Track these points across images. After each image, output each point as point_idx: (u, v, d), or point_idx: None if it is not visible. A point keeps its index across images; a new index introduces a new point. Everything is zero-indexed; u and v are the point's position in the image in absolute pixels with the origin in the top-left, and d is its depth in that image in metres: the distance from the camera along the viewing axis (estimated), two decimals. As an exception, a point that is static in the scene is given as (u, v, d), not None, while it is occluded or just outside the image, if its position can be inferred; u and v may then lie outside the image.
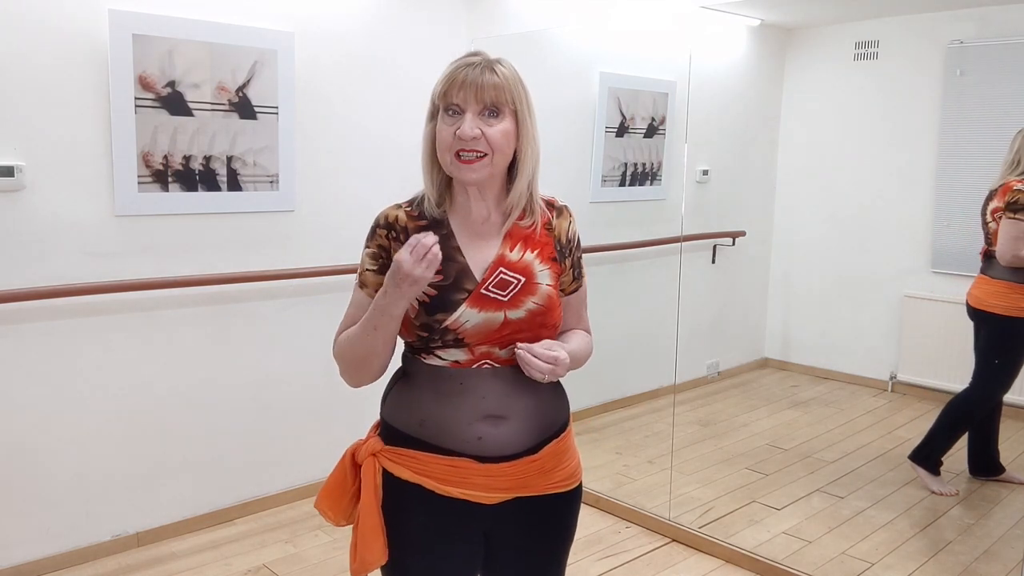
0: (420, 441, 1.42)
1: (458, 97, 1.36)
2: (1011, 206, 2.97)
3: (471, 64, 1.38)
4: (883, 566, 2.82)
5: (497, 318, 1.40)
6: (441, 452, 1.41)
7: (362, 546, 1.43)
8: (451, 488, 1.41)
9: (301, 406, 3.43)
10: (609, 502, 3.40)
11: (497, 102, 1.37)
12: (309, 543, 3.11)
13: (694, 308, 3.64)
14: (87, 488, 2.92)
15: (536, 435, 1.45)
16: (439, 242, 1.33)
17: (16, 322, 2.72)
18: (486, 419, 1.40)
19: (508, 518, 1.47)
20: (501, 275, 1.42)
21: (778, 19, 3.97)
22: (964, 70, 3.30)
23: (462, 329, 1.39)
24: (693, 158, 3.79)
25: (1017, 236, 2.95)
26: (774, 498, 3.35)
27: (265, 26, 3.11)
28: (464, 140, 1.35)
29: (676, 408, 3.55)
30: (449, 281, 1.40)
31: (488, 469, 1.41)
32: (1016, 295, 3.05)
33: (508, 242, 1.45)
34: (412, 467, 1.42)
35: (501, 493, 1.43)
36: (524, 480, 1.44)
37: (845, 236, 3.84)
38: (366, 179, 3.49)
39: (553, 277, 1.47)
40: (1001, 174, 3.03)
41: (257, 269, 3.21)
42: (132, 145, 2.85)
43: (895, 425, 3.67)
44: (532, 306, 1.42)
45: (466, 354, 1.41)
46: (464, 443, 1.40)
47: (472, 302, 1.39)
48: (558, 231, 1.51)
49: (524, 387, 1.43)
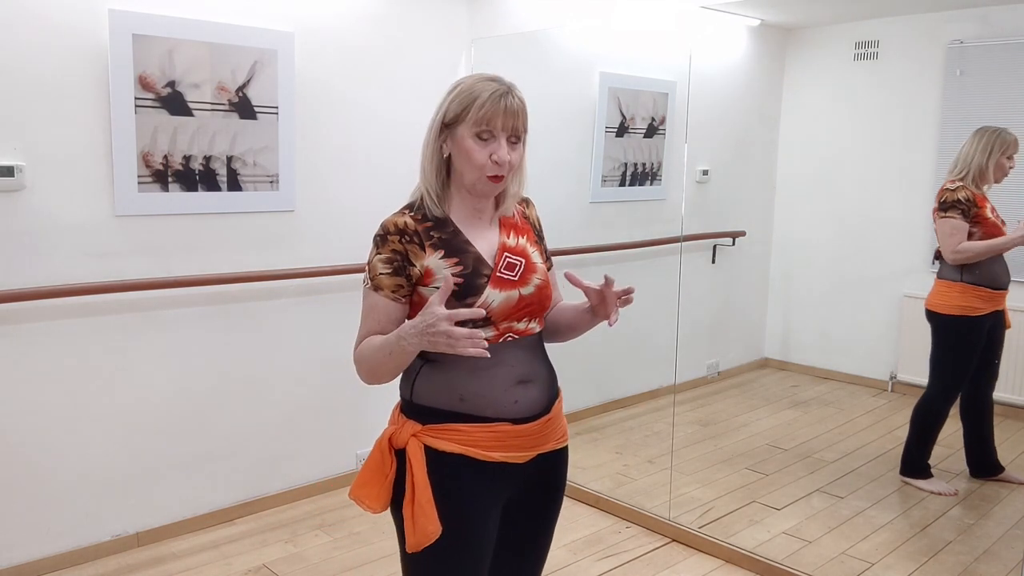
0: (461, 415, 1.56)
1: (496, 125, 1.53)
2: (942, 205, 3.11)
3: (500, 92, 1.53)
4: (883, 566, 2.82)
5: (514, 296, 1.59)
6: (482, 421, 1.56)
7: (420, 518, 1.53)
8: (494, 453, 1.56)
9: (301, 406, 3.43)
10: (609, 502, 3.40)
11: (520, 129, 1.56)
12: (309, 543, 3.11)
13: (694, 308, 3.64)
14: (87, 488, 2.92)
15: (549, 396, 1.65)
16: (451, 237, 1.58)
17: (16, 322, 2.72)
18: (519, 384, 1.58)
19: (528, 476, 1.65)
20: (507, 258, 1.61)
21: (778, 19, 3.97)
22: (964, 70, 3.29)
23: (490, 309, 1.55)
24: (693, 158, 3.79)
25: (950, 233, 3.08)
26: (774, 498, 3.35)
27: (265, 26, 3.11)
28: (500, 166, 1.54)
29: (676, 408, 3.55)
30: (469, 270, 1.58)
31: (521, 430, 1.58)
32: (953, 293, 3.14)
33: (503, 231, 1.65)
34: (457, 439, 1.55)
35: (530, 451, 1.61)
36: (544, 436, 1.63)
37: (845, 236, 3.84)
38: (366, 179, 3.49)
39: (541, 256, 1.70)
40: (948, 174, 3.16)
41: (257, 269, 3.21)
42: (132, 145, 2.85)
43: (895, 425, 3.66)
44: (537, 281, 1.63)
45: (492, 330, 1.56)
46: (503, 408, 1.56)
47: (494, 284, 1.57)
48: (532, 219, 1.75)
49: (539, 352, 1.65)
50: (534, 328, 1.63)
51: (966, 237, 3.07)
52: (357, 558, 3.01)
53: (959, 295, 3.13)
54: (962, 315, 3.13)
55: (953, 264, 3.12)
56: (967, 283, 3.12)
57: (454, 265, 1.56)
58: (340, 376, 3.50)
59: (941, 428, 3.28)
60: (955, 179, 3.08)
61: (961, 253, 3.07)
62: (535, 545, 1.76)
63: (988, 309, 3.12)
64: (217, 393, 3.20)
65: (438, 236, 1.58)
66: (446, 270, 1.55)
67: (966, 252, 3.07)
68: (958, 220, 3.06)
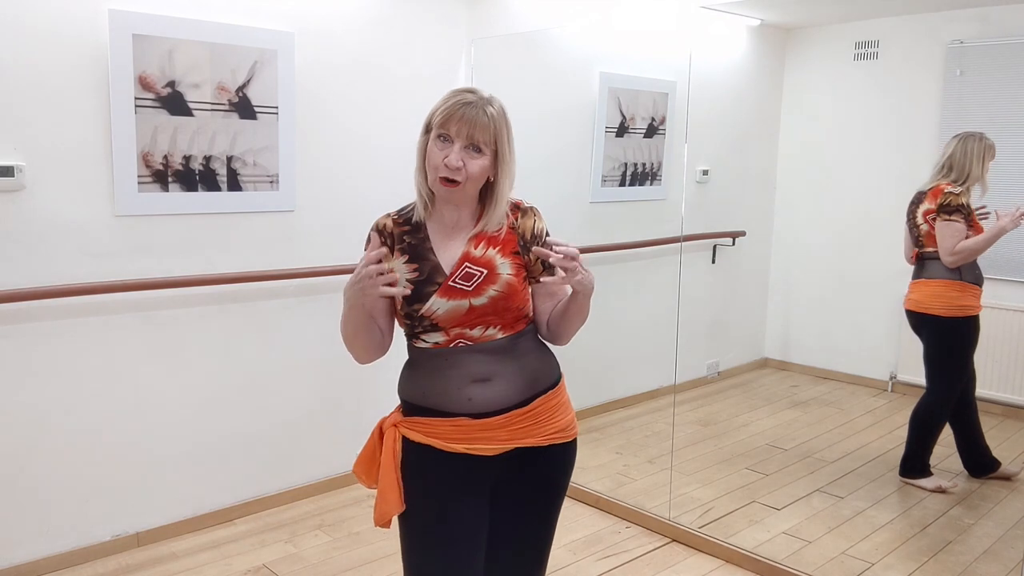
0: (426, 409, 1.69)
1: (451, 130, 1.62)
2: (944, 208, 3.11)
3: (468, 103, 1.62)
4: (883, 566, 2.82)
5: (463, 305, 1.66)
6: (444, 415, 1.67)
7: (381, 498, 1.69)
8: (456, 444, 1.66)
9: (301, 406, 3.43)
10: (609, 502, 3.40)
11: (481, 141, 1.62)
12: (309, 543, 3.11)
13: (694, 308, 3.63)
14: (87, 488, 2.92)
15: (525, 391, 1.70)
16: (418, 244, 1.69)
17: (16, 322, 2.72)
18: (473, 383, 1.66)
19: (511, 467, 1.72)
20: (466, 269, 1.67)
21: (778, 19, 3.97)
22: (964, 70, 3.29)
23: (435, 316, 1.66)
24: (693, 158, 3.79)
25: (952, 235, 3.10)
26: (774, 498, 3.35)
27: (265, 26, 3.11)
28: (449, 168, 1.61)
29: (676, 408, 3.55)
30: (423, 276, 1.68)
31: (483, 424, 1.66)
32: (953, 293, 3.14)
33: (473, 241, 1.70)
34: (422, 431, 1.68)
35: (500, 444, 1.68)
36: (521, 431, 1.69)
37: (845, 236, 3.83)
38: (366, 179, 3.49)
39: (515, 268, 1.71)
40: (931, 177, 3.17)
41: (257, 269, 3.21)
42: (132, 145, 2.85)
43: (895, 425, 3.66)
44: (493, 293, 1.66)
45: (443, 336, 1.67)
46: (459, 405, 1.66)
47: (441, 293, 1.65)
48: (522, 229, 1.75)
49: (503, 355, 1.69)
50: (494, 335, 1.68)
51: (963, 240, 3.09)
52: (357, 558, 3.01)
53: (959, 295, 3.13)
54: (964, 315, 3.13)
55: (951, 265, 3.13)
56: (967, 282, 3.12)
57: (412, 271, 1.68)
58: (340, 376, 3.50)
59: (942, 429, 3.28)
60: (953, 183, 3.09)
61: (960, 253, 3.09)
62: (534, 542, 1.80)
63: (980, 308, 3.13)
64: (217, 393, 3.20)
65: (408, 241, 1.70)
66: (405, 275, 1.68)
67: (964, 251, 3.08)
68: (960, 224, 3.07)
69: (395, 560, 2.98)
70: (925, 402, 3.30)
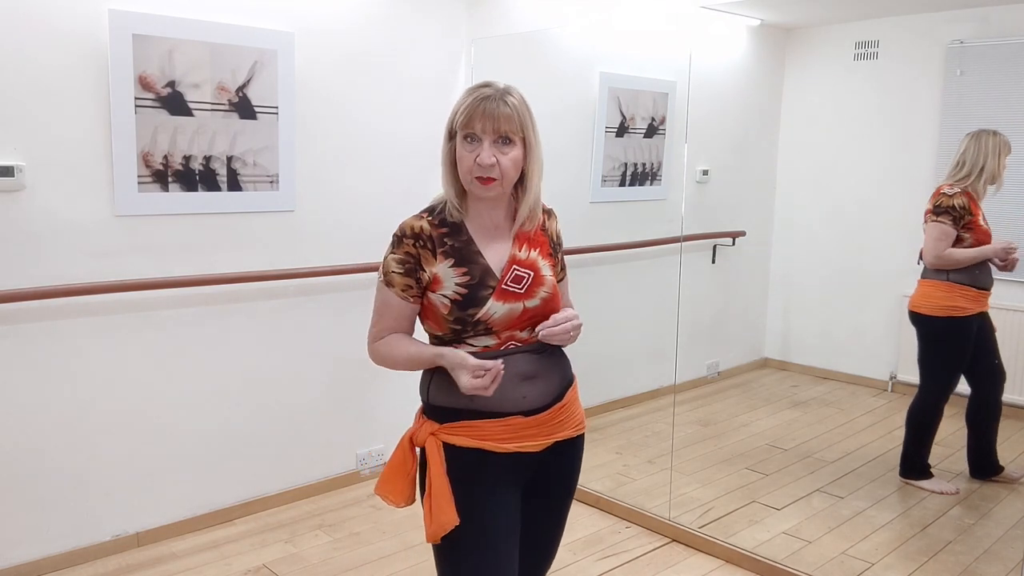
0: (474, 411, 1.65)
1: (476, 128, 1.59)
2: (936, 208, 3.09)
3: (487, 97, 1.59)
4: (883, 566, 2.82)
5: (517, 308, 1.66)
6: (495, 416, 1.65)
7: (437, 511, 1.63)
8: (508, 444, 1.66)
9: (301, 406, 3.43)
10: (609, 502, 3.40)
11: (509, 132, 1.60)
12: (309, 543, 3.11)
13: (694, 308, 3.63)
14: (87, 488, 2.92)
15: (560, 386, 1.74)
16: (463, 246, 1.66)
17: (16, 322, 2.72)
18: (525, 381, 1.67)
19: (547, 460, 1.73)
20: (516, 271, 1.67)
21: (778, 19, 3.97)
22: (964, 70, 3.29)
23: (491, 320, 1.64)
24: (693, 158, 3.79)
25: (938, 237, 3.08)
26: (774, 498, 3.35)
27: (265, 26, 3.11)
28: (483, 167, 1.59)
29: (676, 408, 3.55)
30: (475, 280, 1.65)
31: (533, 420, 1.68)
32: (939, 293, 3.14)
33: (516, 243, 1.70)
34: (472, 435, 1.65)
35: (545, 439, 1.70)
36: (558, 424, 1.72)
37: (845, 236, 3.83)
38: (366, 179, 3.49)
39: (552, 269, 1.74)
40: (946, 175, 3.14)
41: (257, 269, 3.21)
42: (132, 145, 2.85)
43: (895, 425, 3.66)
44: (544, 294, 1.69)
45: (494, 339, 1.66)
46: (514, 403, 1.66)
47: (497, 296, 1.64)
48: (550, 231, 1.79)
49: (544, 353, 1.71)
50: (536, 335, 1.69)
51: (951, 244, 3.07)
52: (357, 558, 3.01)
53: (945, 295, 3.12)
54: (948, 316, 3.13)
55: (931, 267, 3.13)
56: (954, 283, 3.11)
57: (462, 275, 1.64)
58: (340, 376, 3.50)
59: (937, 428, 3.28)
60: (954, 182, 3.07)
61: (943, 260, 3.08)
62: (553, 534, 1.87)
63: (974, 310, 3.11)
64: (217, 393, 3.19)
65: (451, 244, 1.66)
66: (454, 279, 1.64)
67: (948, 259, 3.08)
68: (948, 226, 3.06)
69: (395, 560, 2.98)
70: (916, 401, 3.30)
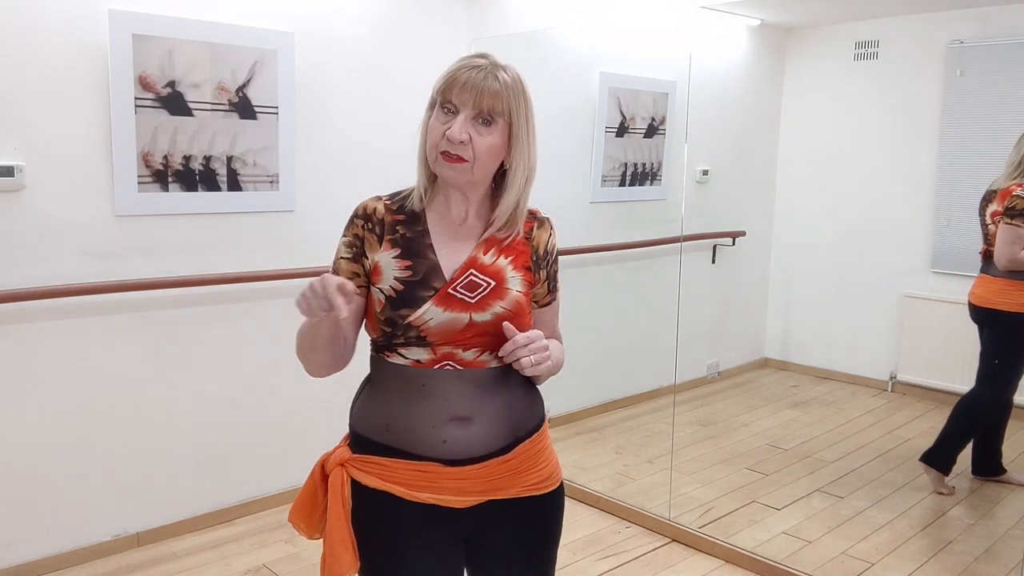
0: (387, 447, 1.40)
1: (456, 97, 1.35)
2: (1009, 211, 3.02)
3: (476, 66, 1.36)
4: (883, 566, 2.82)
5: (462, 319, 1.38)
6: (408, 457, 1.38)
7: (330, 559, 1.40)
8: (420, 493, 1.38)
9: (301, 406, 3.43)
10: (609, 502, 3.40)
11: (492, 111, 1.35)
12: (309, 543, 3.11)
13: (694, 308, 3.63)
14: (87, 488, 2.92)
15: (506, 436, 1.42)
16: (415, 237, 1.41)
17: (16, 322, 2.72)
18: (451, 421, 1.38)
19: (487, 521, 1.45)
20: (471, 277, 1.40)
21: (778, 19, 3.97)
22: (964, 70, 3.29)
23: (425, 327, 1.37)
24: (693, 158, 3.79)
25: (1013, 241, 3.01)
26: (774, 498, 3.35)
27: (265, 26, 3.11)
28: (451, 142, 1.35)
29: (676, 408, 3.55)
30: (418, 277, 1.39)
31: (457, 472, 1.38)
32: (1019, 292, 3.06)
33: (483, 246, 1.43)
34: (379, 474, 1.39)
35: (473, 496, 1.41)
36: (496, 482, 1.42)
37: (845, 236, 3.84)
38: (366, 179, 3.49)
39: (525, 285, 1.45)
40: (1005, 175, 3.05)
41: (257, 269, 3.21)
42: (132, 145, 2.85)
43: (895, 425, 3.66)
44: (499, 310, 1.39)
45: (428, 353, 1.38)
46: (430, 447, 1.37)
47: (438, 300, 1.37)
48: (536, 241, 1.49)
49: (491, 388, 1.41)
50: (487, 361, 1.40)
51: None
52: (357, 558, 3.01)
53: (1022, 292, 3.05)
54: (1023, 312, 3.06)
55: (1003, 270, 3.05)
56: None
57: (404, 268, 1.39)
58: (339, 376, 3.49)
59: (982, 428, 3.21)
60: None
61: (1017, 263, 3.01)
62: None
63: None
64: (217, 393, 3.19)
65: (402, 232, 1.42)
66: (394, 272, 1.40)
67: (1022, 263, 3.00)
68: (1022, 229, 2.99)
69: (395, 560, 2.98)
70: (974, 395, 3.19)
